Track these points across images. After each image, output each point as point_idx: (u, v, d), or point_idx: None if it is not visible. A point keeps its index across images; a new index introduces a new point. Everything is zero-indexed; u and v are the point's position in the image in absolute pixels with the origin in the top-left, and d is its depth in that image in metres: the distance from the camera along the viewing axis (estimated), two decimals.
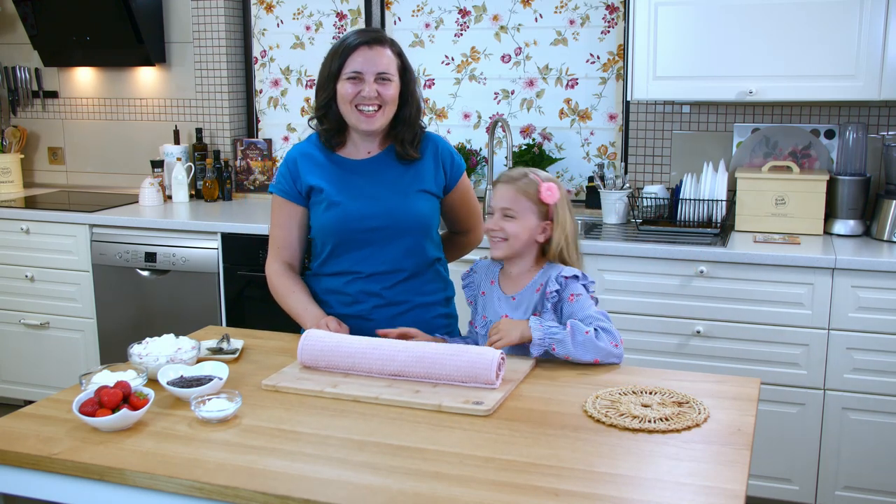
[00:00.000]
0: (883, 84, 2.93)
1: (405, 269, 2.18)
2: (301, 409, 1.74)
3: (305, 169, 2.19)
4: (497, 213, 2.03)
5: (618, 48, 3.61)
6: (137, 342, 1.95)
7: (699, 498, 1.36)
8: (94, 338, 3.79)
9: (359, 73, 2.08)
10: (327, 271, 2.22)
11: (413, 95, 2.18)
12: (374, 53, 2.09)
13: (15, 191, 4.38)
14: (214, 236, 3.52)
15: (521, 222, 2.02)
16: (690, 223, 3.22)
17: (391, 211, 2.15)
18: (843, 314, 2.82)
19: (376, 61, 2.09)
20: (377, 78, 2.09)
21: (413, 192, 2.17)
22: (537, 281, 2.04)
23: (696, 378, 1.90)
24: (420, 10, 3.87)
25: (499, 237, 2.03)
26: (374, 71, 2.08)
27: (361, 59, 2.09)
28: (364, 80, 2.08)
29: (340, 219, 2.15)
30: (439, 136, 2.29)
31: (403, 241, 2.16)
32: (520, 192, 2.02)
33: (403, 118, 2.17)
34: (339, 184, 2.17)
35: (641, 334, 3.04)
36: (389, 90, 2.11)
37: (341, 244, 2.18)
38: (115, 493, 1.51)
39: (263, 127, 4.22)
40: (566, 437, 1.59)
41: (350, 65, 2.09)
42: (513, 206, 2.02)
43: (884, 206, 3.07)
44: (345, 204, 2.15)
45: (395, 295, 2.18)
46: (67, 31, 4.13)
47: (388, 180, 2.17)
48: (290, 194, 2.21)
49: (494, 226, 2.03)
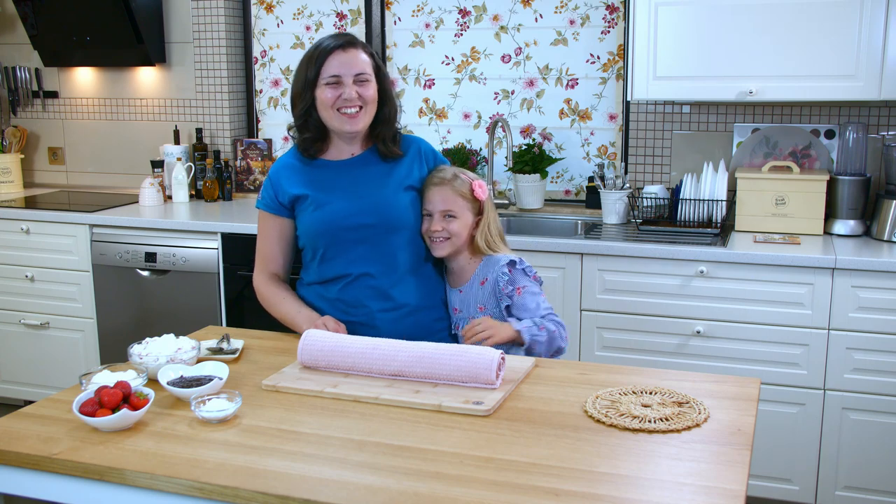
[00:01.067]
0: (883, 84, 2.93)
1: (401, 267, 2.17)
2: (301, 409, 1.74)
3: (287, 181, 2.21)
4: (436, 215, 2.16)
5: (618, 48, 3.61)
6: (137, 342, 1.96)
7: (699, 498, 1.36)
8: (94, 338, 3.79)
9: (337, 77, 2.10)
10: (321, 278, 2.21)
11: (389, 95, 2.21)
12: (349, 56, 2.11)
13: (15, 191, 4.38)
14: (214, 236, 3.52)
15: (460, 220, 2.17)
16: (690, 223, 3.22)
17: (379, 206, 2.15)
18: (843, 314, 2.82)
19: (353, 63, 2.11)
20: (356, 79, 2.11)
21: (400, 188, 2.19)
22: (479, 274, 2.19)
23: (696, 378, 1.90)
24: (420, 10, 3.87)
25: (441, 237, 2.16)
26: (352, 73, 2.11)
27: (338, 63, 2.10)
28: (343, 84, 2.10)
29: (328, 218, 2.15)
30: (420, 138, 2.33)
31: (396, 237, 2.17)
32: (456, 192, 2.17)
33: (383, 118, 2.20)
34: (324, 186, 2.18)
35: (641, 334, 3.04)
36: (369, 90, 2.13)
37: (332, 245, 2.17)
38: (115, 493, 1.51)
39: (263, 127, 4.23)
40: (566, 437, 1.59)
41: (327, 69, 2.10)
42: (453, 206, 2.16)
43: (884, 206, 3.07)
44: (331, 203, 2.16)
45: (395, 295, 2.17)
46: (67, 31, 4.12)
47: (374, 177, 2.19)
48: (273, 207, 2.23)
49: (437, 227, 2.15)
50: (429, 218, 2.18)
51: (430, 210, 2.17)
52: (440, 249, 2.17)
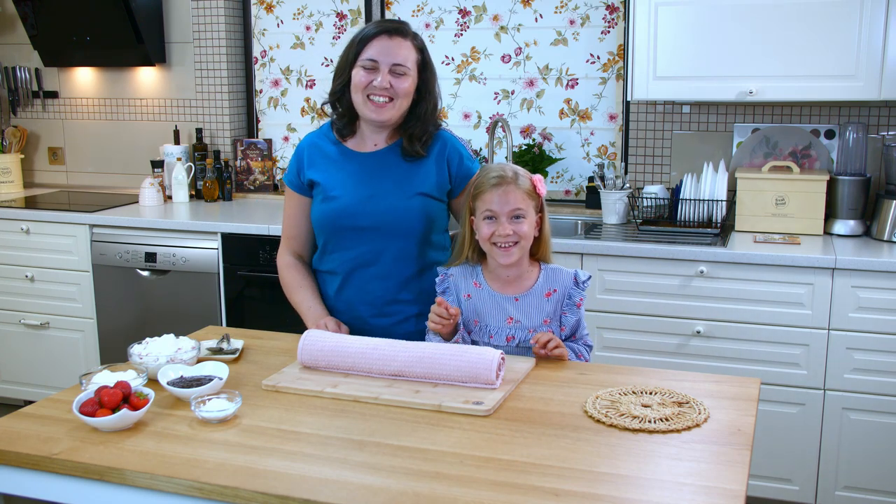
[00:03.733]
0: (883, 84, 2.93)
1: (398, 274, 2.15)
2: (301, 409, 1.74)
3: (309, 161, 2.19)
4: (503, 218, 1.96)
5: (618, 48, 3.61)
6: (137, 342, 1.95)
7: (699, 498, 1.36)
8: (94, 338, 3.79)
9: (374, 62, 2.04)
10: (323, 268, 2.23)
11: (431, 93, 2.13)
12: (392, 44, 2.05)
13: (15, 191, 4.38)
14: (214, 236, 3.52)
15: (528, 221, 1.99)
16: (690, 223, 3.22)
17: (385, 211, 2.12)
18: (843, 314, 2.82)
19: (393, 52, 2.04)
20: (392, 69, 2.04)
21: (412, 194, 2.13)
22: (543, 286, 2.04)
23: (696, 378, 1.90)
24: (420, 10, 3.87)
25: (510, 242, 1.97)
26: (389, 61, 2.04)
27: (378, 48, 2.05)
28: (378, 70, 2.04)
29: (332, 213, 2.14)
30: (450, 136, 2.21)
31: (397, 243, 2.13)
32: (522, 190, 2.00)
33: (418, 114, 2.12)
34: (338, 178, 2.15)
35: (641, 334, 3.04)
36: (404, 83, 2.06)
37: (331, 240, 2.17)
38: (115, 493, 1.51)
39: (263, 127, 4.22)
40: (566, 437, 1.59)
41: (367, 52, 2.05)
42: (521, 205, 1.98)
43: (884, 206, 3.07)
44: (339, 199, 2.13)
45: (387, 302, 2.16)
46: (67, 31, 4.12)
47: (389, 179, 2.14)
48: (297, 185, 2.22)
49: (507, 230, 1.96)
50: (490, 221, 1.97)
51: (493, 212, 1.97)
52: (509, 256, 1.97)
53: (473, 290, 2.07)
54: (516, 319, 2.03)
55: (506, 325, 2.04)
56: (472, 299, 2.07)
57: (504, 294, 2.05)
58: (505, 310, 2.04)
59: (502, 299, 2.05)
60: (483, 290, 2.06)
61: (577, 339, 2.09)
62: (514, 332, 2.03)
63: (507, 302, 2.04)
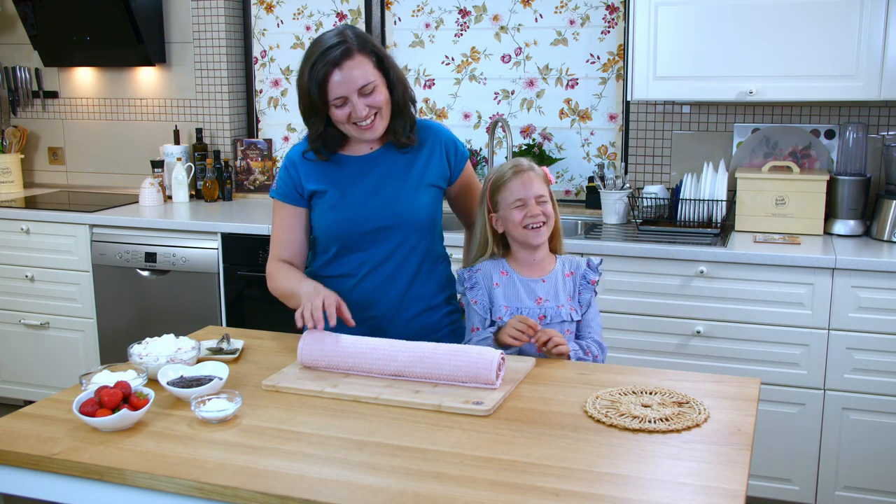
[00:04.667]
0: (883, 84, 2.93)
1: (414, 267, 2.17)
2: (301, 409, 1.74)
3: (306, 173, 2.16)
4: (531, 201, 2.10)
5: (618, 48, 3.61)
6: (137, 342, 1.95)
7: (699, 498, 1.36)
8: (94, 338, 3.79)
9: (343, 98, 2.02)
10: (331, 273, 2.19)
11: (398, 80, 2.10)
12: (345, 72, 2.00)
13: (15, 191, 4.38)
14: (214, 236, 3.52)
15: (550, 205, 2.13)
16: (690, 223, 3.22)
17: (397, 207, 2.13)
18: (843, 314, 2.82)
19: (352, 79, 2.00)
20: (360, 92, 2.02)
21: (417, 186, 2.15)
22: (562, 269, 2.17)
23: (696, 378, 1.90)
24: (420, 10, 3.87)
25: (540, 222, 2.10)
26: (354, 89, 2.01)
27: (337, 84, 2.00)
28: (350, 101, 2.02)
29: (344, 221, 2.13)
30: (440, 126, 2.25)
31: (412, 237, 2.15)
32: (539, 178, 2.14)
33: (395, 110, 2.11)
34: (342, 185, 2.14)
35: (641, 334, 3.04)
36: (378, 97, 2.04)
37: (345, 247, 2.17)
38: (115, 493, 1.51)
39: (263, 127, 4.22)
40: (566, 437, 1.59)
41: (331, 93, 2.01)
42: (543, 191, 2.12)
43: (884, 206, 3.07)
44: (348, 206, 2.13)
45: (405, 295, 2.17)
46: (67, 31, 4.13)
47: (392, 175, 2.15)
48: (291, 198, 2.18)
49: (537, 210, 2.09)
50: (520, 208, 2.10)
51: (522, 199, 2.10)
52: (540, 235, 2.12)
53: (502, 278, 2.17)
54: (545, 299, 2.14)
55: (535, 305, 2.14)
56: (501, 287, 2.16)
57: (529, 277, 2.16)
58: (534, 291, 2.14)
59: (531, 282, 2.15)
60: (511, 277, 2.16)
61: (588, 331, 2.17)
62: (544, 311, 2.14)
63: (535, 284, 2.15)
